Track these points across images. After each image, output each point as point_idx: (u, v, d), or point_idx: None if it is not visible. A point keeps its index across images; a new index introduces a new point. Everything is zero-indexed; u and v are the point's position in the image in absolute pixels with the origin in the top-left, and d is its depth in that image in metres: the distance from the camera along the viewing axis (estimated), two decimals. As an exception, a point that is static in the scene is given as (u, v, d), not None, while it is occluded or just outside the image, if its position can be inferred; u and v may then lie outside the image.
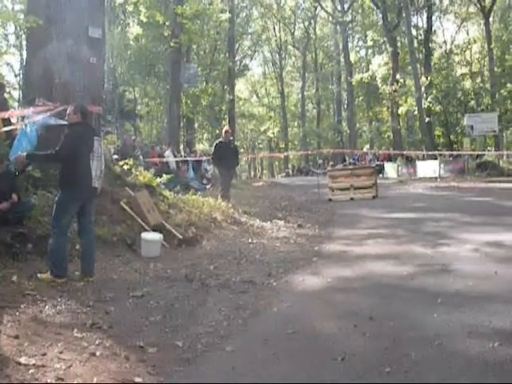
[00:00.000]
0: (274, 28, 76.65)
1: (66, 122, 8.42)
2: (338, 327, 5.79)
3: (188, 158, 29.60)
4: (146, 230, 10.70)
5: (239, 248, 10.80)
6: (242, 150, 77.02)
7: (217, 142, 18.47)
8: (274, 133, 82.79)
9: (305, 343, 5.38)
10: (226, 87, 53.43)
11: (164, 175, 15.22)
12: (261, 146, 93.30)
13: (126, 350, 5.28)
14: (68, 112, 8.22)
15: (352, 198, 20.41)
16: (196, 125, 58.27)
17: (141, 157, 22.16)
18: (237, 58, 60.57)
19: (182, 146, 42.08)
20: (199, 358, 5.12)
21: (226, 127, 20.61)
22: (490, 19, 54.52)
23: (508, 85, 49.81)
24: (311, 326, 5.93)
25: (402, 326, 5.65)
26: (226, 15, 48.12)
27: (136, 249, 10.04)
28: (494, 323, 5.52)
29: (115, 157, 17.26)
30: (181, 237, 11.14)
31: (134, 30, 45.37)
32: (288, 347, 5.29)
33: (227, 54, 53.89)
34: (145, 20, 35.95)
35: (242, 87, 79.75)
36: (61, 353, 5.14)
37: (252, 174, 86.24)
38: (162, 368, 4.88)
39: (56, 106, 10.59)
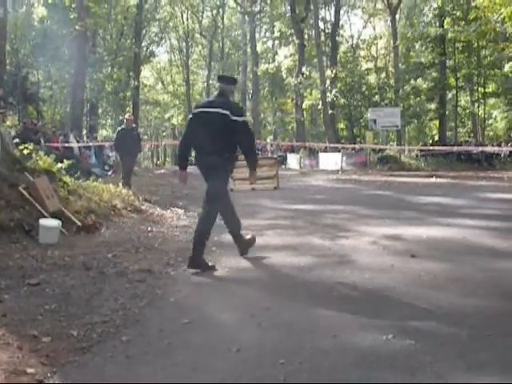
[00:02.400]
0: (182, 15, 76.25)
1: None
2: (235, 317, 5.80)
3: (90, 144, 29.26)
4: (44, 217, 10.48)
5: (138, 236, 10.68)
6: (145, 137, 76.66)
7: (119, 128, 18.38)
8: (178, 120, 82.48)
9: (201, 333, 5.35)
10: (131, 73, 52.90)
11: (65, 161, 14.95)
12: (165, 133, 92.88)
13: (20, 339, 5.13)
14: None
15: (253, 189, 20.45)
16: (100, 110, 57.49)
17: (42, 141, 21.79)
18: (143, 45, 60.09)
19: (84, 132, 41.54)
20: (94, 348, 5.01)
21: (128, 114, 20.45)
22: (397, 16, 55.68)
23: (412, 81, 50.76)
24: (208, 316, 5.92)
25: (298, 317, 5.68)
26: (134, 0, 47.66)
27: (34, 235, 9.78)
28: (388, 315, 5.62)
29: (16, 141, 16.93)
30: (80, 224, 10.95)
31: (39, 10, 44.45)
32: (183, 337, 5.26)
33: (134, 40, 53.34)
34: (50, 1, 35.29)
35: (147, 74, 79.08)
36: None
37: (155, 161, 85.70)
38: (56, 358, 4.75)
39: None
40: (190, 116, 8.96)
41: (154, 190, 19.57)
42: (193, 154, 9.44)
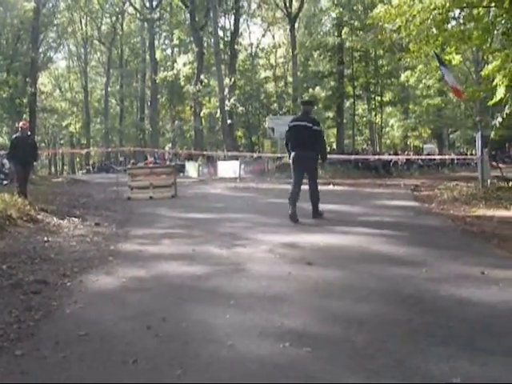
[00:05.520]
0: (81, 21, 75.68)
1: None
2: (131, 328, 5.67)
3: (-16, 152, 28.57)
4: None
5: (34, 247, 10.40)
6: (42, 145, 75.39)
7: (14, 136, 18.02)
8: (76, 128, 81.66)
9: (97, 345, 5.21)
10: (28, 79, 51.86)
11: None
12: (62, 141, 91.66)
13: None
14: None
15: (151, 197, 20.36)
16: (-5, 118, 56.35)
17: None
18: (40, 50, 58.96)
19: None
20: (-15, 363, 4.85)
21: (22, 122, 19.99)
22: (296, 25, 56.22)
23: (310, 89, 51.40)
24: (104, 327, 5.77)
25: (195, 327, 5.61)
26: (32, 4, 46.84)
27: None
28: (285, 324, 5.61)
29: None
30: (-29, 234, 10.68)
31: None
32: (79, 350, 5.10)
33: (30, 45, 52.33)
34: None
35: (45, 80, 77.97)
36: None
37: (52, 169, 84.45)
38: None
39: None
40: (288, 128, 14.13)
41: (50, 199, 19.18)
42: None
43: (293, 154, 13.65)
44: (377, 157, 41.98)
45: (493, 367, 4.53)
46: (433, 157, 47.16)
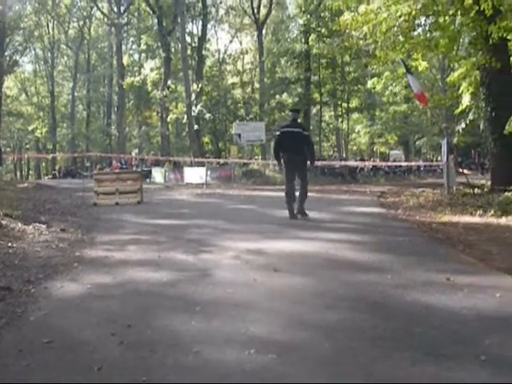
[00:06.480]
0: (48, 25, 75.19)
1: None
2: (96, 336, 5.61)
3: None
4: None
5: (-3, 253, 10.33)
6: (8, 150, 74.74)
7: (-23, 141, 17.90)
8: (42, 133, 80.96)
9: (61, 353, 5.15)
10: (-7, 83, 51.56)
11: None
12: (28, 146, 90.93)
13: None
14: None
15: (117, 203, 20.25)
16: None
17: None
18: (6, 54, 58.55)
19: None
20: None
21: (-13, 127, 19.87)
22: (263, 31, 56.34)
23: (277, 96, 51.53)
24: (68, 334, 5.71)
25: (160, 333, 5.57)
26: (-3, 7, 46.60)
27: None
28: (251, 330, 5.59)
29: None
30: None
31: None
32: (43, 358, 5.04)
33: (-4, 49, 52.04)
34: None
35: (10, 84, 77.33)
36: None
37: (18, 174, 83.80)
38: None
39: None
40: (278, 133, 15.88)
41: (15, 204, 18.95)
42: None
43: (285, 156, 15.18)
44: (343, 163, 42.20)
45: (458, 371, 4.55)
46: (399, 163, 47.47)
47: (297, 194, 15.22)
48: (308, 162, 15.41)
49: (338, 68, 52.13)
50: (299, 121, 17.62)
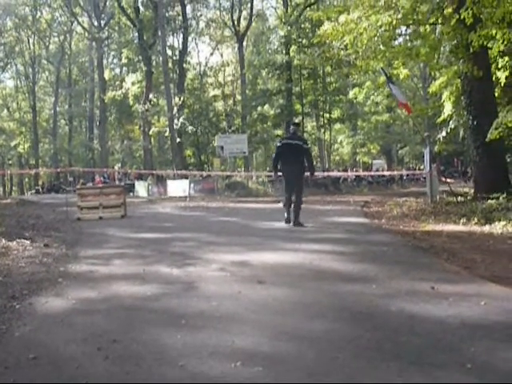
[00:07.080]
0: (29, 40, 75.07)
1: None
2: (82, 351, 5.58)
3: None
4: None
5: (-20, 269, 10.28)
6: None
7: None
8: (24, 148, 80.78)
9: (47, 369, 5.12)
10: (-26, 99, 51.44)
11: None
12: (10, 161, 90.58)
13: None
14: None
15: (101, 217, 20.19)
16: None
17: None
18: (-13, 69, 58.52)
19: None
20: None
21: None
22: (244, 43, 56.46)
23: (258, 108, 51.61)
24: (54, 350, 5.67)
25: (146, 348, 5.54)
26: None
27: None
28: (236, 343, 5.57)
29: None
30: None
31: None
32: (29, 374, 5.01)
33: (-23, 65, 51.93)
34: None
35: (-8, 100, 77.27)
36: None
37: (1, 190, 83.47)
38: None
39: None
40: (279, 144, 16.43)
41: (-2, 220, 18.94)
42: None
43: (284, 167, 15.87)
44: (326, 174, 42.28)
45: (444, 380, 4.56)
46: (382, 173, 47.58)
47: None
48: (307, 174, 16.50)
49: (320, 79, 52.22)
50: (300, 135, 18.70)
